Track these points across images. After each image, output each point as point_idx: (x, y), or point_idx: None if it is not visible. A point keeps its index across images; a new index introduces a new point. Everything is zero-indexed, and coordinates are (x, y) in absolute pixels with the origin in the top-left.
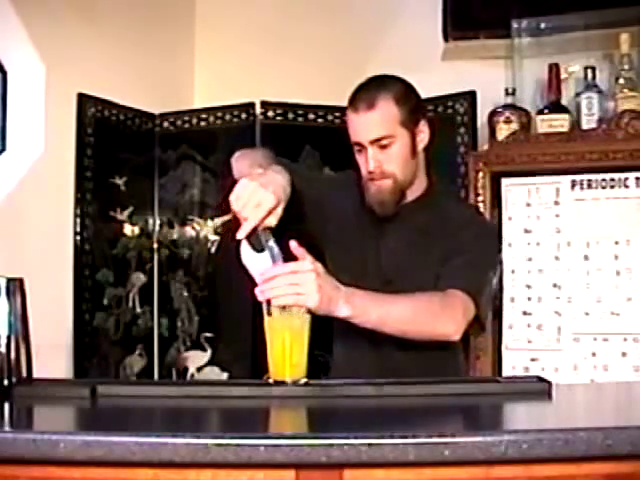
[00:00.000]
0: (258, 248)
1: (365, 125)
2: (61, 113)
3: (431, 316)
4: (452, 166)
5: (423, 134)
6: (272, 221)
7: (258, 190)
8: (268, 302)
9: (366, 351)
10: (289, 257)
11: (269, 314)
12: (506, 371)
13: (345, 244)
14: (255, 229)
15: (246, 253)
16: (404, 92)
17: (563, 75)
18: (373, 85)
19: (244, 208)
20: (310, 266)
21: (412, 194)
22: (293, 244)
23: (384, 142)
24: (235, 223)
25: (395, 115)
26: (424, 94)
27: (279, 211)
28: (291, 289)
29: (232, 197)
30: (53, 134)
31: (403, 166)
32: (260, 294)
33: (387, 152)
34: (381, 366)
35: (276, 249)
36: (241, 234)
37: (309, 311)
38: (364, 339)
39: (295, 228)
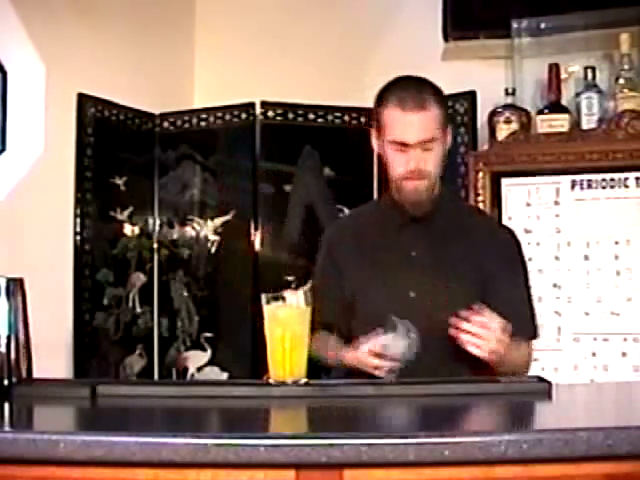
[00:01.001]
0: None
1: (415, 125)
2: (61, 113)
3: (529, 365)
4: (452, 166)
5: (449, 137)
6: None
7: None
8: (268, 302)
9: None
10: None
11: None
12: None
13: (372, 263)
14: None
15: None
16: (442, 96)
17: (563, 75)
18: (415, 85)
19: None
20: (496, 325)
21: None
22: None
23: (430, 144)
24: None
25: (440, 117)
26: None
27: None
28: (476, 340)
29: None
30: (53, 134)
31: (437, 167)
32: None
33: (429, 153)
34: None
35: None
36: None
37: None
38: None
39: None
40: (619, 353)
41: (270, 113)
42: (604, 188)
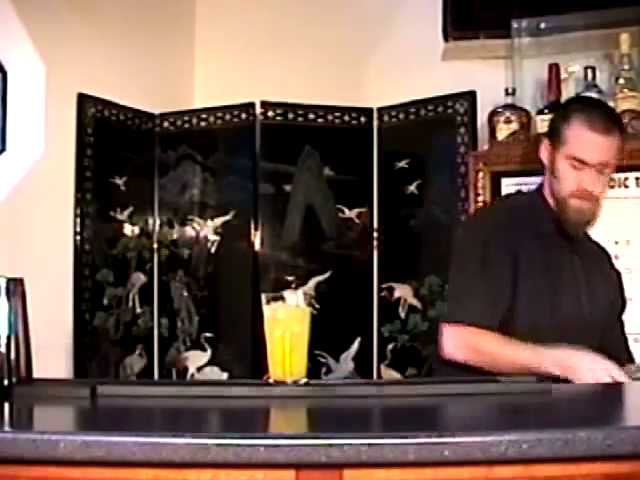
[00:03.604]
0: None
1: (599, 147)
2: (61, 113)
3: None
4: (452, 166)
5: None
6: None
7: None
8: (268, 302)
9: None
10: None
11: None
12: None
13: (540, 267)
14: None
15: None
16: (622, 126)
17: (563, 75)
18: (605, 110)
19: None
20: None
21: None
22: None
23: (606, 169)
24: None
25: (619, 145)
26: (424, 94)
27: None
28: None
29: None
30: (53, 134)
31: (604, 192)
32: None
33: (601, 176)
34: None
35: None
36: None
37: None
38: None
39: None
40: None
41: (270, 113)
42: None
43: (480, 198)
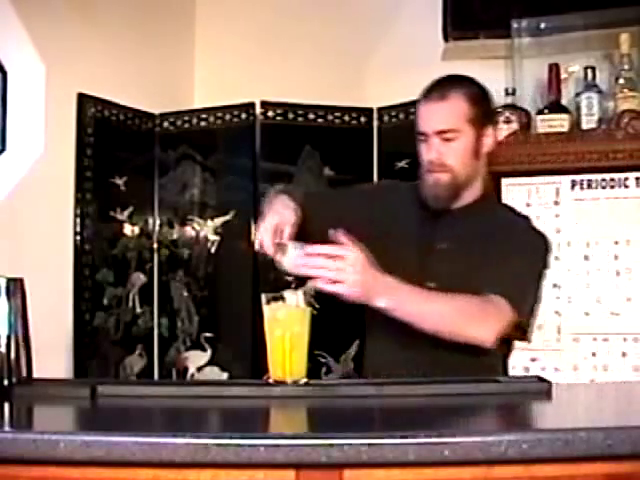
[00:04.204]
0: (283, 251)
1: (433, 115)
2: (61, 113)
3: (467, 319)
4: None
5: (489, 139)
6: (286, 231)
7: (272, 220)
8: (268, 302)
9: (399, 347)
10: None
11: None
12: None
13: (392, 245)
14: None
15: (280, 261)
16: (477, 93)
17: (563, 75)
18: (448, 80)
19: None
20: (354, 254)
21: (467, 197)
22: (338, 232)
23: (449, 135)
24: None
25: (464, 111)
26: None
27: (291, 219)
28: (331, 274)
29: (256, 246)
30: (53, 134)
31: (463, 163)
32: (297, 268)
33: (450, 145)
34: (417, 363)
35: (298, 243)
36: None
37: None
38: (399, 335)
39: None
40: (619, 353)
41: (270, 113)
42: (604, 188)
43: None
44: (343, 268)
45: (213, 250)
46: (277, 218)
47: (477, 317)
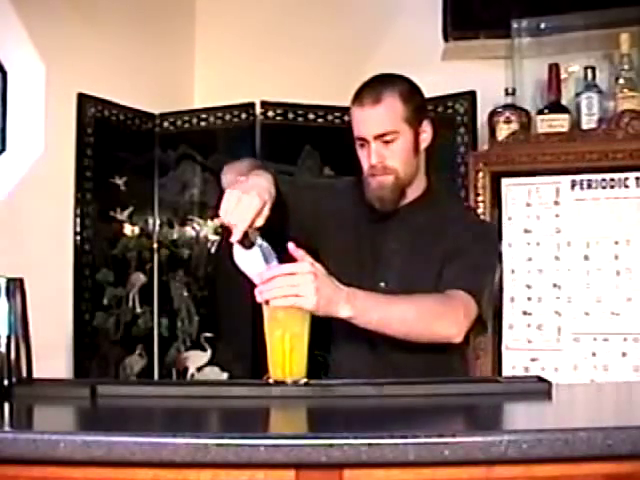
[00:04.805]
0: (248, 246)
1: (370, 120)
2: (61, 113)
3: (433, 318)
4: (452, 166)
5: (426, 134)
6: (259, 222)
7: (242, 197)
8: (267, 303)
9: (365, 352)
10: (287, 259)
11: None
12: (506, 371)
13: (342, 246)
14: (246, 232)
15: (238, 254)
16: (409, 90)
17: (563, 75)
18: (379, 82)
19: (231, 217)
20: (308, 267)
21: (411, 194)
22: (291, 246)
23: (388, 137)
24: (226, 232)
25: (400, 111)
26: (424, 94)
27: (265, 212)
28: (289, 290)
29: (220, 211)
30: (53, 134)
31: (405, 163)
32: (259, 295)
33: (390, 148)
34: (380, 367)
35: (265, 245)
36: (233, 239)
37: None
38: (363, 340)
39: (292, 235)
40: (619, 353)
41: (270, 113)
42: (604, 188)
43: (480, 198)
44: (299, 283)
45: (213, 250)
46: (257, 203)
47: (442, 314)
